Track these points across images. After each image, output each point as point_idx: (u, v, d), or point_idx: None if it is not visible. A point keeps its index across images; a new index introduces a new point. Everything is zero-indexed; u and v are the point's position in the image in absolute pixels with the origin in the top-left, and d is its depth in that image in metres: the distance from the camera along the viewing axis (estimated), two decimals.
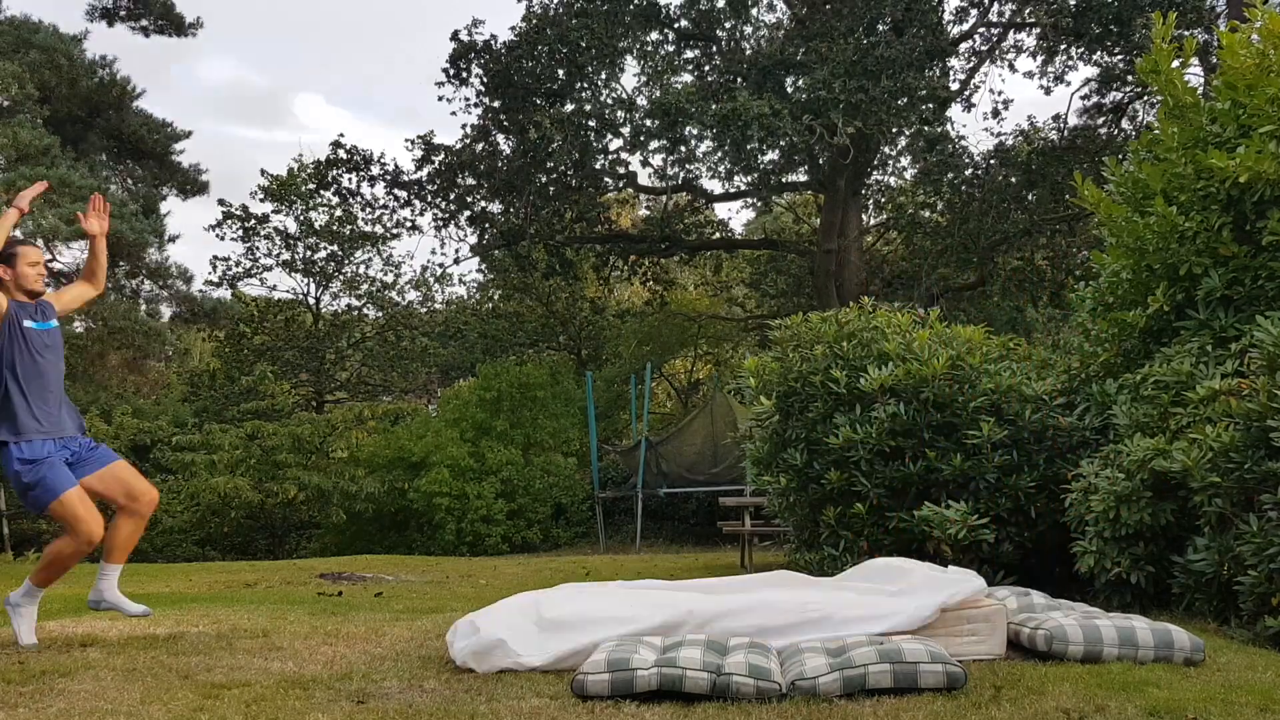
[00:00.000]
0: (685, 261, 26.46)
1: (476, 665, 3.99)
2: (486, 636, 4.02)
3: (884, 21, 17.21)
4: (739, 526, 11.05)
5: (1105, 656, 3.97)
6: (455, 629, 4.29)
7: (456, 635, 4.22)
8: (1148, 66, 6.75)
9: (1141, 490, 5.38)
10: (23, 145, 15.92)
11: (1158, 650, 3.98)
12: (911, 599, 4.16)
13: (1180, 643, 4.00)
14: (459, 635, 4.20)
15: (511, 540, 16.82)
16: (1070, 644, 4.00)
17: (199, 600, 6.76)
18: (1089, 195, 6.83)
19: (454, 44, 19.27)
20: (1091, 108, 19.99)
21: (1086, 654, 3.98)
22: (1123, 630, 4.04)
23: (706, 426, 16.18)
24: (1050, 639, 4.04)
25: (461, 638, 4.16)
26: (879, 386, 6.63)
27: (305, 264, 26.28)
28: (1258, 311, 5.69)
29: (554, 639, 4.07)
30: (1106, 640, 4.00)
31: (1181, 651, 3.98)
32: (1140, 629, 4.05)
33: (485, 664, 3.98)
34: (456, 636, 4.21)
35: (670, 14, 19.20)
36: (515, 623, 4.17)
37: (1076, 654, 3.98)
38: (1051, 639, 4.04)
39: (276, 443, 17.59)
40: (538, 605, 4.34)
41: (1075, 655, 3.98)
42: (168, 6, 21.13)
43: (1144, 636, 4.02)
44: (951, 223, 19.16)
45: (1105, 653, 3.97)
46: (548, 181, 19.32)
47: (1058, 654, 4.00)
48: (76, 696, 3.57)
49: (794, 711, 3.35)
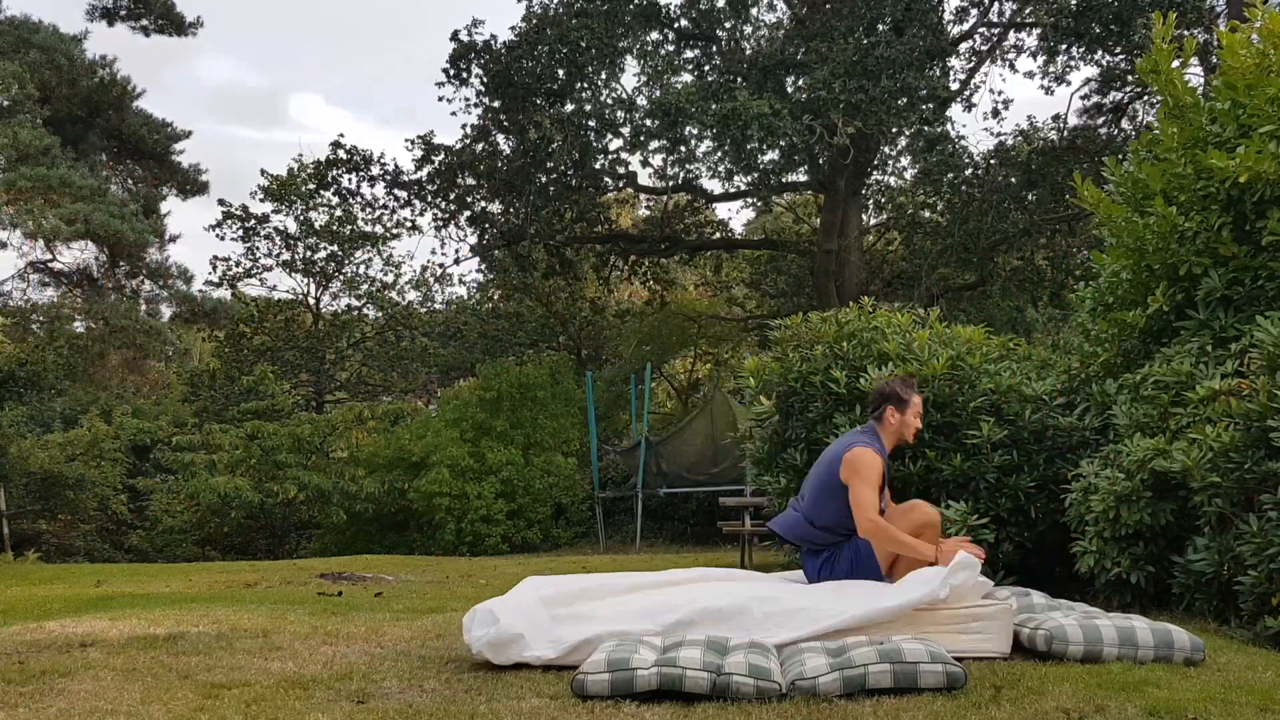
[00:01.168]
0: (685, 261, 26.43)
1: (493, 656, 3.98)
2: (506, 629, 4.00)
3: (884, 21, 17.20)
4: (739, 526, 11.05)
5: (1105, 656, 3.97)
6: (474, 615, 4.22)
7: (475, 623, 4.17)
8: (1148, 66, 6.75)
9: (1141, 490, 5.38)
10: (23, 145, 15.90)
11: (1158, 650, 3.98)
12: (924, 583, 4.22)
13: (1180, 643, 4.00)
14: (477, 623, 4.15)
15: (511, 540, 16.81)
16: (1070, 644, 4.00)
17: (199, 600, 6.76)
18: (1089, 195, 6.83)
19: (454, 44, 19.26)
20: (1091, 108, 19.99)
21: (1087, 654, 3.98)
22: (1123, 630, 4.04)
23: (706, 426, 16.17)
24: (1050, 639, 4.04)
25: (480, 626, 4.11)
26: None
27: (305, 264, 26.29)
28: (1258, 311, 5.69)
29: (569, 631, 4.08)
30: (1107, 640, 4.00)
31: (1181, 651, 3.99)
32: (1140, 629, 4.06)
33: (501, 656, 3.98)
34: (475, 624, 4.16)
35: (670, 14, 19.20)
36: (535, 616, 4.14)
37: (1076, 654, 3.98)
38: (1051, 639, 4.04)
39: (276, 443, 17.60)
40: (554, 599, 4.33)
41: (1075, 655, 3.98)
42: (168, 6, 21.09)
43: (1144, 636, 4.02)
44: (951, 223, 19.15)
45: (1105, 652, 3.98)
46: (548, 181, 19.31)
47: (1058, 654, 4.01)
48: (76, 696, 3.57)
49: (794, 711, 3.35)
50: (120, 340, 17.86)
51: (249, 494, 16.70)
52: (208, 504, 17.16)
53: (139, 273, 18.97)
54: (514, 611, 4.13)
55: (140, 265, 18.77)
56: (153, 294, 19.44)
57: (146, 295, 19.36)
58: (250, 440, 17.74)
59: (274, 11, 79.21)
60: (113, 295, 18.22)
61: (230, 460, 17.60)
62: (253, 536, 18.25)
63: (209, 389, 24.94)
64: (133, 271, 18.92)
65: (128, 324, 17.28)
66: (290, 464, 17.39)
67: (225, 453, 17.82)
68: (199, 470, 17.55)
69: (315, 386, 26.82)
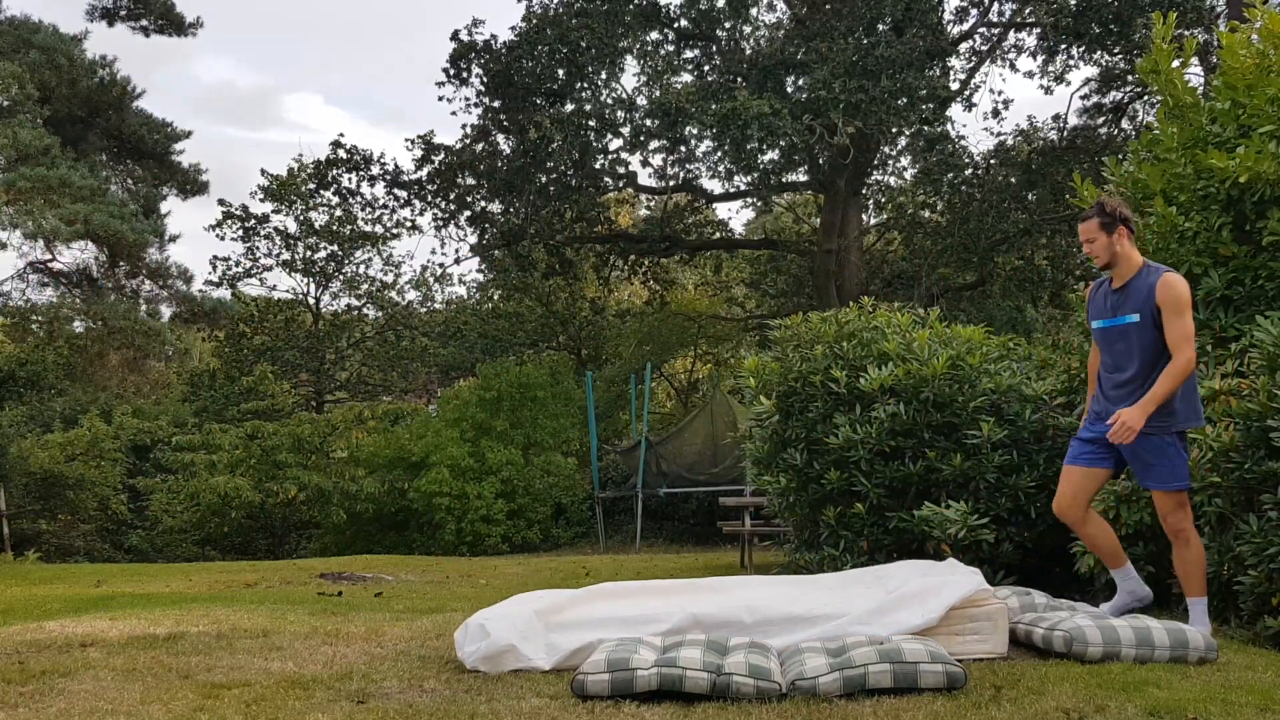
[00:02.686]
0: (685, 261, 26.46)
1: (488, 669, 3.99)
2: (498, 642, 4.01)
3: (884, 21, 17.21)
4: (739, 526, 11.05)
5: (1124, 657, 4.00)
6: (466, 631, 4.24)
7: (466, 639, 4.18)
8: (1148, 66, 6.75)
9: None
10: (23, 145, 15.90)
11: (1173, 650, 4.01)
12: (919, 601, 4.19)
13: (1194, 642, 4.04)
14: (469, 639, 4.16)
15: (511, 540, 16.81)
16: (1090, 645, 4.02)
17: (199, 600, 6.75)
18: (1089, 195, 6.82)
19: (454, 44, 19.27)
20: (1091, 108, 20.00)
21: (1105, 655, 4.00)
22: (1139, 631, 4.07)
23: (706, 426, 16.17)
24: (1070, 640, 4.06)
25: (471, 641, 4.13)
26: (879, 386, 6.62)
27: (305, 264, 26.30)
28: (1258, 311, 5.69)
29: (563, 639, 4.08)
30: (1124, 641, 4.03)
31: (1196, 651, 4.02)
32: (1156, 629, 4.09)
33: (496, 667, 3.98)
34: (466, 640, 4.17)
35: (670, 14, 19.21)
36: (525, 627, 4.14)
37: (1096, 655, 4.00)
38: (1071, 640, 4.05)
39: (276, 443, 17.60)
40: (547, 610, 4.33)
41: (1095, 656, 4.00)
42: (168, 6, 21.09)
43: (1160, 637, 4.05)
44: (951, 223, 19.16)
45: (1124, 653, 4.01)
46: (548, 181, 19.31)
47: (1077, 655, 4.02)
48: (76, 696, 3.57)
49: (794, 711, 3.35)
50: (120, 340, 17.86)
51: (249, 494, 16.70)
52: (208, 504, 17.16)
53: (139, 273, 18.97)
54: (505, 623, 4.12)
55: (140, 265, 18.77)
56: (153, 294, 19.44)
57: (146, 295, 19.36)
58: (250, 440, 17.74)
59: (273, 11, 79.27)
60: (112, 295, 18.22)
61: (230, 460, 17.60)
62: (253, 536, 18.25)
63: (209, 389, 24.95)
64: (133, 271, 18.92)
65: (127, 324, 17.27)
66: (290, 464, 17.39)
67: (225, 453, 17.82)
68: (199, 470, 17.54)
69: (315, 386, 26.83)
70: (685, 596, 4.53)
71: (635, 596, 4.59)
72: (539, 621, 4.21)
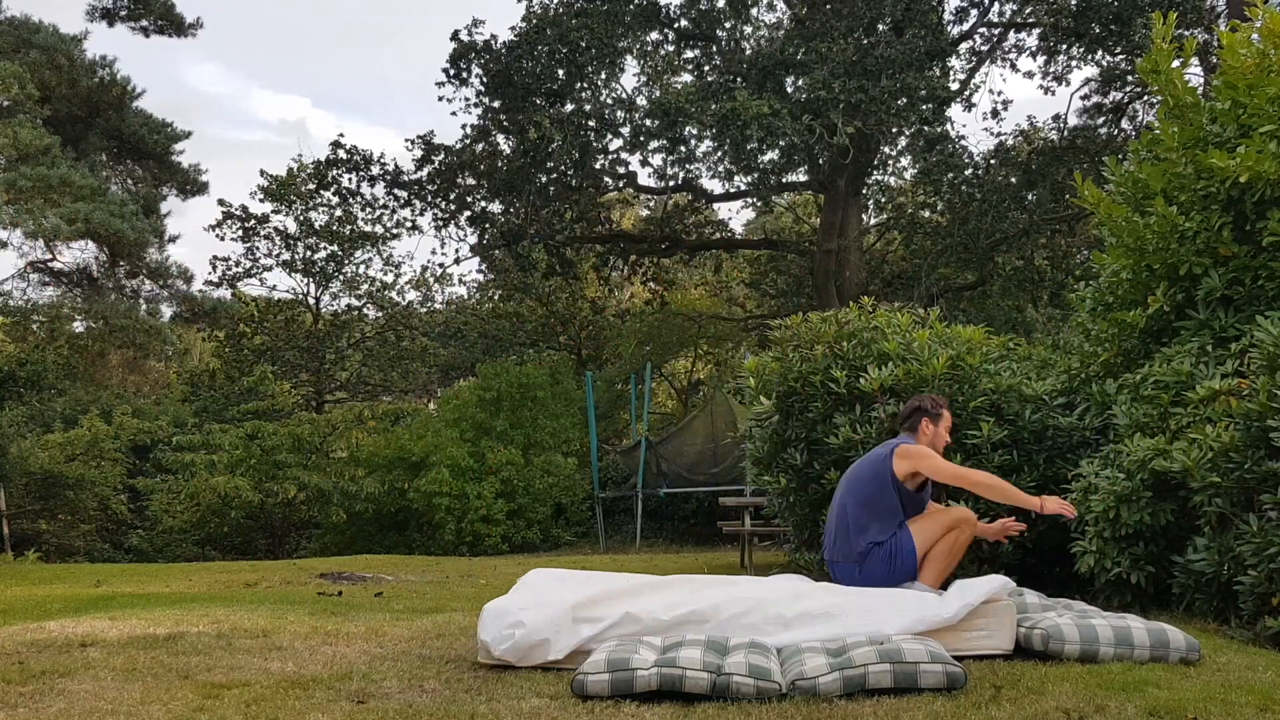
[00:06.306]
0: (685, 261, 26.46)
1: (515, 660, 3.96)
2: (533, 635, 3.96)
3: (884, 21, 17.21)
4: (739, 526, 11.04)
5: (1102, 656, 3.98)
6: (494, 615, 4.13)
7: (495, 623, 4.08)
8: (1148, 66, 6.75)
9: (1141, 490, 5.38)
10: (23, 145, 15.89)
11: (1153, 650, 4.00)
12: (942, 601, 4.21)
13: (1175, 642, 4.02)
14: (504, 624, 4.05)
15: (511, 540, 16.81)
16: (1067, 643, 4.02)
17: (199, 600, 6.75)
18: (1089, 195, 6.83)
19: (454, 44, 19.26)
20: (1091, 108, 20.00)
21: (1083, 653, 3.99)
22: (1119, 630, 4.05)
23: (706, 426, 16.17)
24: (1047, 638, 4.05)
25: (503, 626, 4.03)
26: (879, 386, 6.63)
27: (305, 264, 26.30)
28: (1258, 311, 5.69)
29: (585, 628, 4.07)
30: (1103, 640, 4.02)
31: (1177, 651, 4.00)
32: (1136, 628, 4.07)
33: (525, 660, 3.96)
34: (494, 623, 4.08)
35: (670, 14, 19.20)
36: (559, 620, 4.08)
37: (1073, 653, 4.00)
38: (1048, 638, 4.05)
39: (276, 443, 17.59)
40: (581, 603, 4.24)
41: (1072, 654, 3.99)
42: (168, 7, 21.09)
43: (1140, 636, 4.03)
44: (951, 223, 19.16)
45: (1102, 652, 3.99)
46: (548, 181, 19.31)
47: (1054, 653, 4.02)
48: (76, 696, 3.57)
49: (794, 711, 3.35)
50: (120, 340, 17.86)
51: (249, 494, 16.69)
52: (208, 504, 17.16)
53: (139, 272, 18.97)
54: (540, 616, 4.05)
55: (140, 265, 18.77)
56: (153, 294, 19.43)
57: (146, 295, 19.36)
58: (250, 440, 17.73)
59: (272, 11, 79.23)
60: (113, 295, 18.22)
61: (230, 460, 17.59)
62: (253, 536, 18.24)
63: (209, 389, 24.96)
64: (133, 271, 18.92)
65: (128, 324, 17.27)
66: (290, 464, 17.38)
67: (225, 453, 17.81)
68: (199, 470, 17.54)
69: (315, 386, 26.82)
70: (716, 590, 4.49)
71: (664, 591, 4.47)
72: (570, 615, 4.16)
